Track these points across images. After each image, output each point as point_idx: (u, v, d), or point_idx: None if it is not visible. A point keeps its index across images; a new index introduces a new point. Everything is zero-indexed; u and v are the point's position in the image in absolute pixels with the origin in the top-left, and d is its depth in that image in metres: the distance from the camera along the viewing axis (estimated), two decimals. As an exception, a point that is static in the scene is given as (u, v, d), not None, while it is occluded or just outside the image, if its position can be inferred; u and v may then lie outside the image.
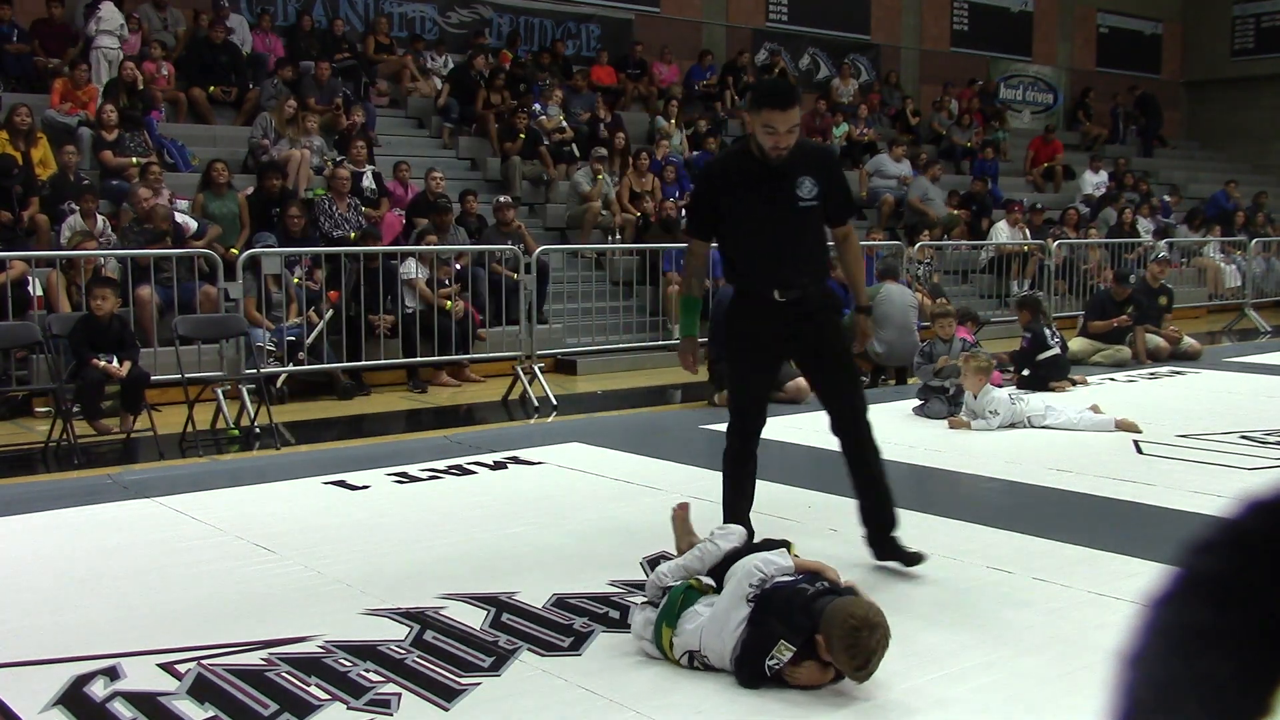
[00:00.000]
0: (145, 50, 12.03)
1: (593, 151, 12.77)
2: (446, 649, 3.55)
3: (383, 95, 14.07)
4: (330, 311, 8.87)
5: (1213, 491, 5.45)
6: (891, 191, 15.07)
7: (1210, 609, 1.02)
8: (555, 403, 8.45)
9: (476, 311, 9.59)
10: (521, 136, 13.14)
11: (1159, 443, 6.86)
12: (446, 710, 3.13)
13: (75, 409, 6.86)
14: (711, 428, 7.50)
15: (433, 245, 9.68)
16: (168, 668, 3.41)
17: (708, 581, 3.55)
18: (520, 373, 8.74)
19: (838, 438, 4.35)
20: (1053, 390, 8.64)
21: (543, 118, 13.55)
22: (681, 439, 7.24)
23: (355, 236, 9.96)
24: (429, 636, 3.65)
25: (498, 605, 3.94)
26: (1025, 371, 8.93)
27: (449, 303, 9.29)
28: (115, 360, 7.01)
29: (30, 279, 8.27)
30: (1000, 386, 7.85)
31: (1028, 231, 14.44)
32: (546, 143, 13.32)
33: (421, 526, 5.08)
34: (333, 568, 4.42)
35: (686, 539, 4.02)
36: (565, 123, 13.70)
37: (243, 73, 12.68)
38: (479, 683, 3.30)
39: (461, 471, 6.21)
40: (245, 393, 7.48)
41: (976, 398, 7.41)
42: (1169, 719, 1.00)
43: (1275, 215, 18.73)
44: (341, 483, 5.91)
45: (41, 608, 4.00)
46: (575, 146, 13.50)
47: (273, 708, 3.14)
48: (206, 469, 6.41)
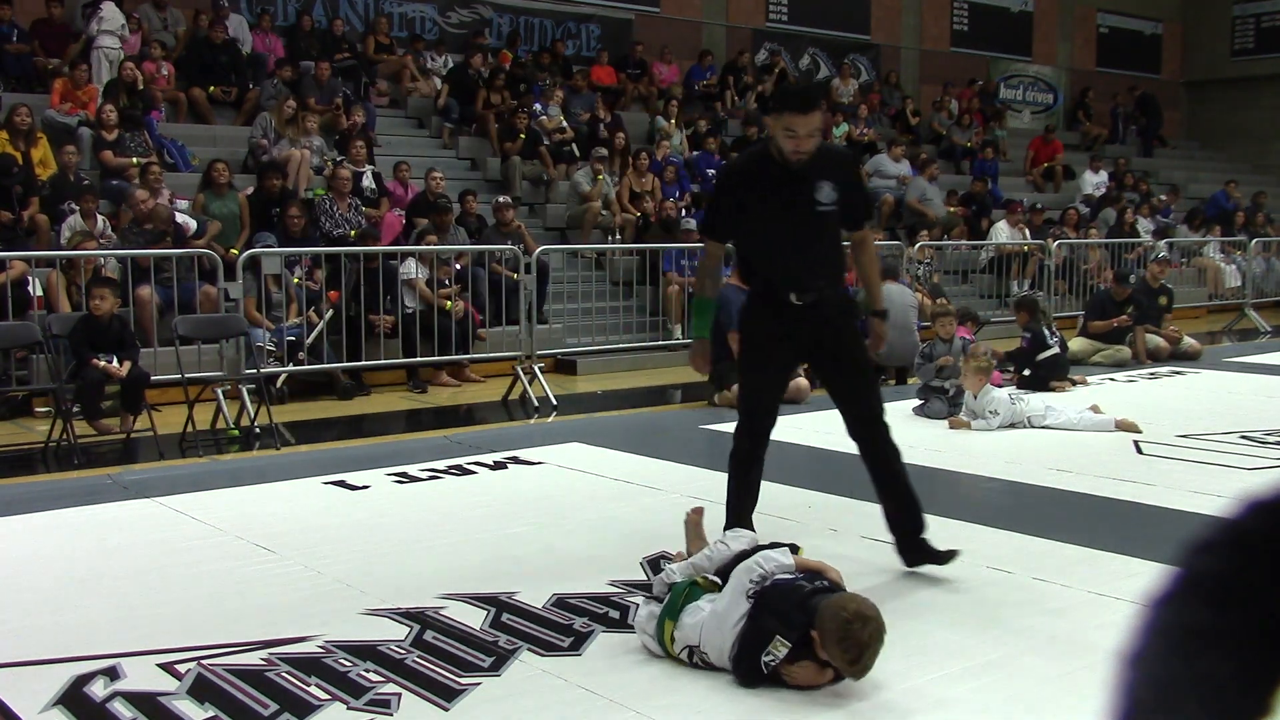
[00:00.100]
0: (145, 50, 12.03)
1: (593, 151, 12.77)
2: (446, 649, 3.55)
3: (383, 95, 14.07)
4: (330, 311, 8.87)
5: (1213, 491, 5.46)
6: (891, 191, 15.07)
7: (1210, 609, 1.02)
8: (555, 403, 8.44)
9: (476, 311, 9.59)
10: (522, 136, 13.14)
11: (1159, 443, 6.86)
12: (446, 710, 3.13)
13: (75, 409, 6.86)
14: (711, 428, 7.50)
15: (433, 245, 9.68)
16: (168, 668, 3.41)
17: (714, 579, 3.56)
18: (520, 373, 8.73)
19: (856, 443, 4.31)
20: (1053, 390, 8.65)
21: (543, 118, 13.55)
22: (681, 439, 7.24)
23: (355, 235, 9.96)
24: (429, 636, 3.65)
25: (498, 605, 3.94)
26: (1025, 371, 8.94)
27: (449, 303, 9.29)
28: (115, 360, 7.01)
29: (30, 279, 8.27)
30: (1000, 386, 7.85)
31: (1027, 231, 14.44)
32: (547, 143, 13.32)
33: (421, 526, 5.08)
34: (333, 568, 4.43)
35: (697, 543, 4.03)
36: (566, 123, 13.70)
37: (243, 73, 12.68)
38: (479, 683, 3.30)
39: (461, 471, 6.21)
40: (245, 393, 7.48)
41: (976, 398, 7.41)
42: (1169, 719, 1.00)
43: (1275, 215, 18.72)
44: (341, 483, 5.91)
45: (41, 608, 4.00)
46: (575, 146, 13.50)
47: (273, 708, 3.14)
48: (206, 469, 6.41)
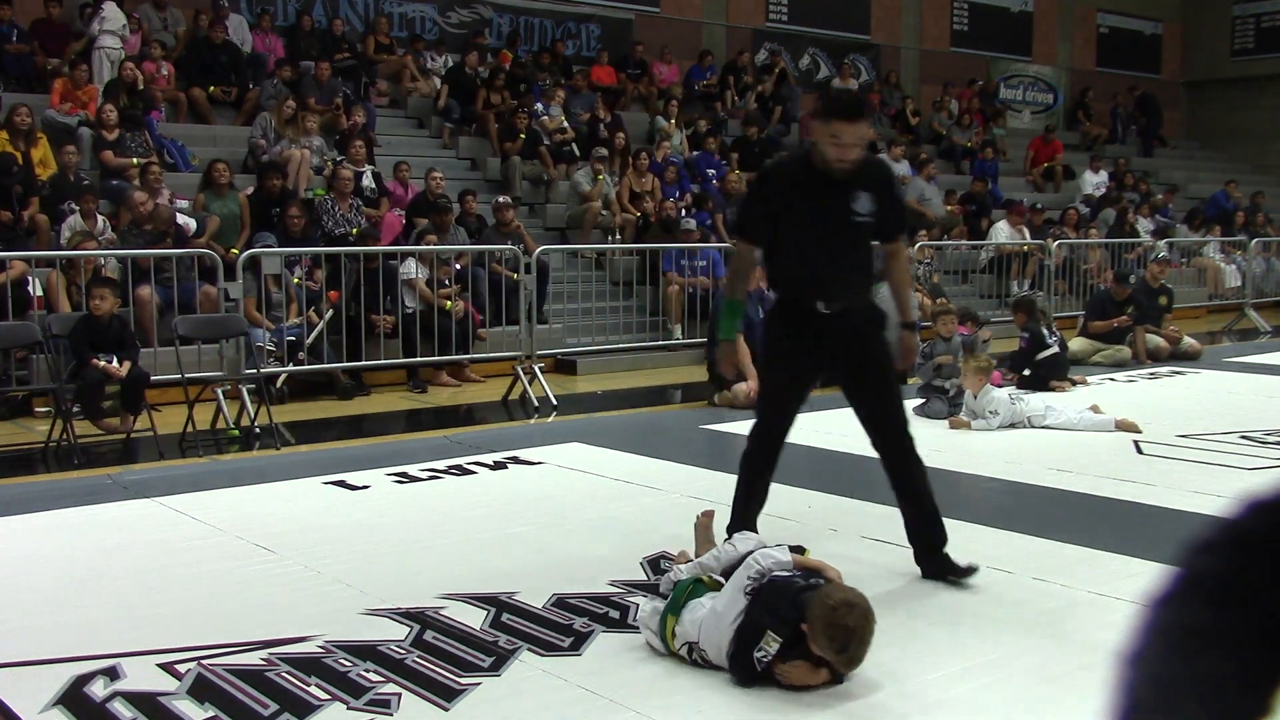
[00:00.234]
0: (145, 50, 12.03)
1: (593, 151, 12.77)
2: (446, 649, 3.55)
3: (383, 95, 14.07)
4: (330, 311, 8.87)
5: (1213, 491, 5.45)
6: (891, 192, 15.02)
7: (1210, 609, 1.02)
8: (555, 403, 8.44)
9: (476, 311, 9.59)
10: (522, 136, 13.14)
11: (1159, 443, 6.86)
12: (446, 710, 3.13)
13: (75, 409, 6.86)
14: (711, 428, 7.50)
15: (433, 245, 9.68)
16: (168, 668, 3.41)
17: (719, 579, 3.56)
18: (520, 373, 8.73)
19: (880, 454, 4.26)
20: (1053, 390, 8.64)
21: (544, 118, 13.55)
22: (681, 439, 7.24)
23: (355, 234, 9.96)
24: (429, 636, 3.65)
25: (498, 605, 3.94)
26: (1025, 371, 8.93)
27: (449, 303, 9.29)
28: (115, 360, 7.00)
29: (30, 279, 8.27)
30: (1000, 386, 7.85)
31: (1027, 232, 14.44)
32: (547, 143, 13.32)
33: (421, 526, 5.08)
34: (333, 568, 4.43)
35: (706, 545, 4.03)
36: (567, 123, 13.70)
37: (243, 73, 12.68)
38: (479, 683, 3.30)
39: (461, 471, 6.21)
40: (245, 393, 7.48)
41: (976, 398, 7.41)
42: (1169, 719, 1.00)
43: (1273, 215, 18.71)
44: (341, 483, 5.91)
45: (41, 608, 4.00)
46: (575, 146, 13.50)
47: (273, 708, 3.14)
48: (206, 469, 6.41)
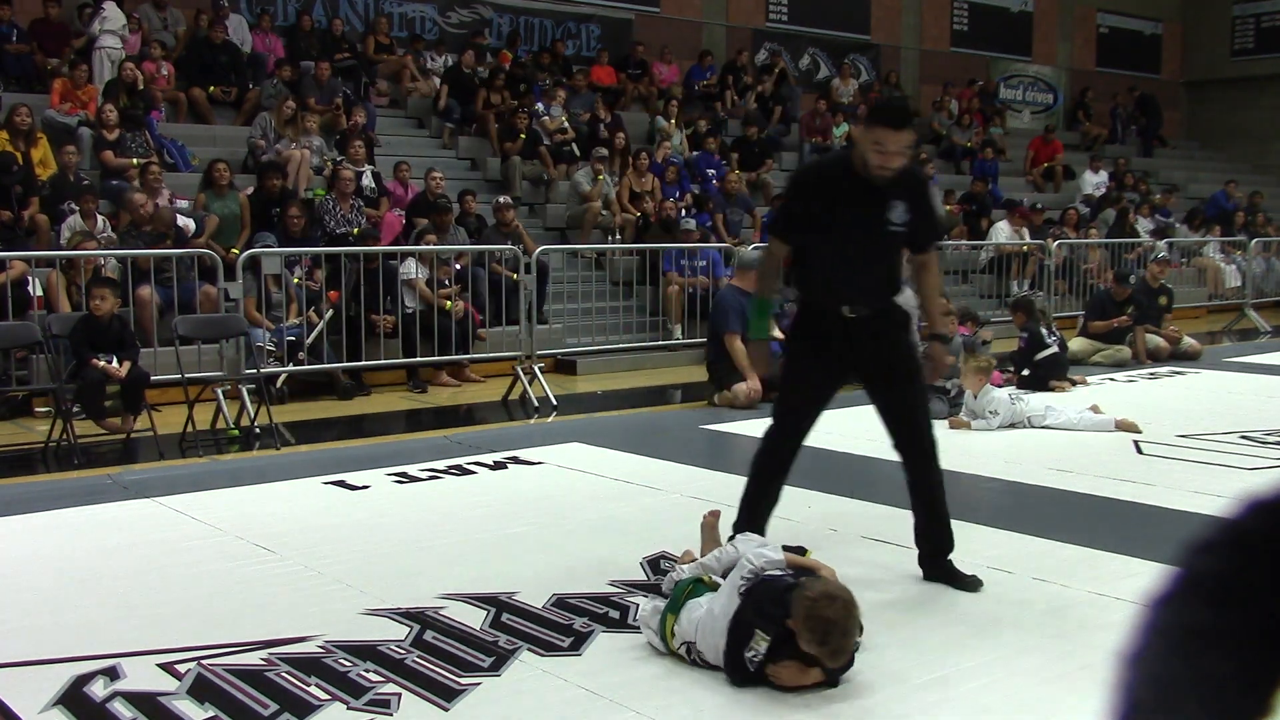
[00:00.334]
0: (145, 50, 12.04)
1: (593, 151, 12.77)
2: (446, 649, 3.55)
3: (383, 95, 14.07)
4: (330, 311, 8.87)
5: (1213, 491, 5.46)
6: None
7: (1210, 609, 1.02)
8: (555, 403, 8.44)
9: (476, 311, 9.59)
10: (522, 136, 13.14)
11: (1159, 443, 6.86)
12: (446, 710, 3.13)
13: (75, 409, 6.85)
14: (711, 428, 7.50)
15: (433, 245, 9.68)
16: (168, 668, 3.41)
17: (719, 580, 3.56)
18: (520, 373, 8.73)
19: (901, 457, 4.22)
20: (1053, 390, 8.65)
21: (545, 118, 13.54)
22: (681, 439, 7.23)
23: (356, 234, 9.96)
24: (429, 636, 3.65)
25: (498, 605, 3.94)
26: (1025, 371, 8.93)
27: (449, 303, 9.29)
28: (115, 360, 7.00)
29: (30, 279, 8.27)
30: (1000, 386, 7.85)
31: (1027, 232, 14.44)
32: (547, 143, 13.32)
33: (421, 526, 5.08)
34: (333, 568, 4.42)
35: (711, 545, 4.02)
36: (567, 123, 13.70)
37: (243, 73, 12.68)
38: (479, 683, 3.30)
39: (461, 471, 6.21)
40: (245, 393, 7.48)
41: (976, 398, 7.41)
42: (1169, 719, 1.00)
43: (1272, 215, 18.71)
44: (341, 483, 5.91)
45: (41, 608, 4.00)
46: (575, 146, 13.50)
47: (273, 708, 3.14)
48: (206, 469, 6.41)
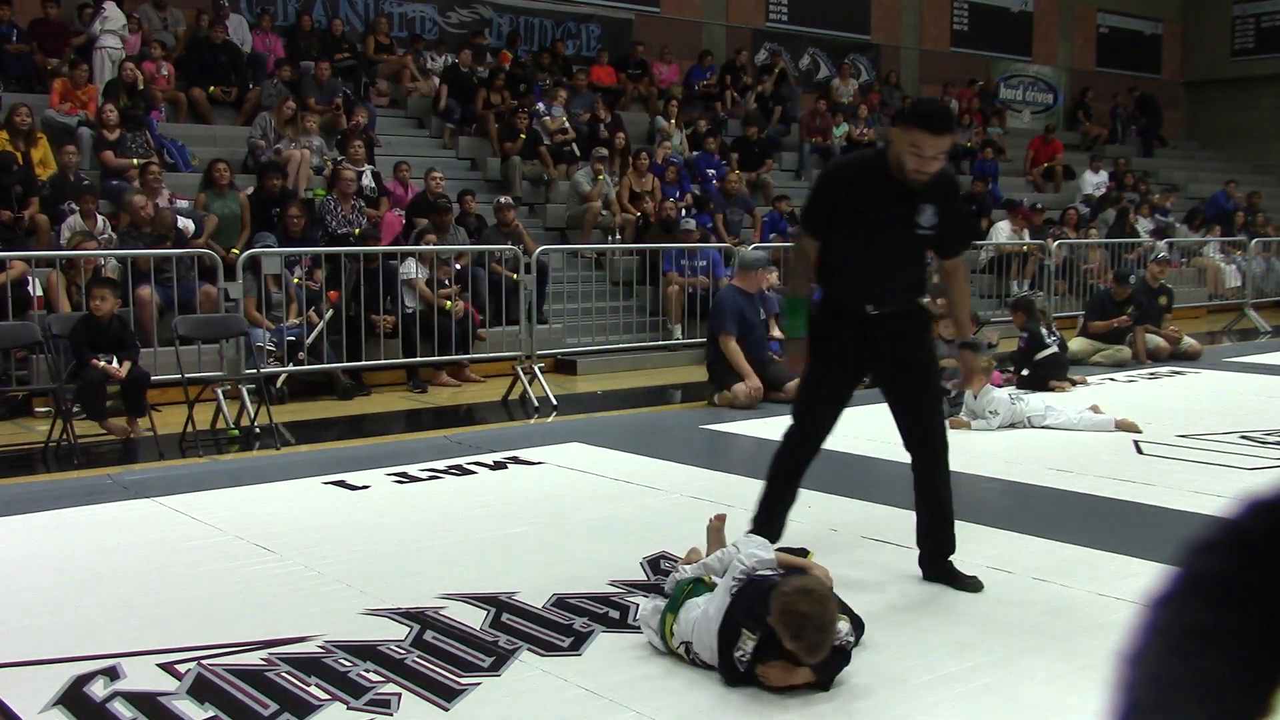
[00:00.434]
0: (145, 50, 12.04)
1: (593, 151, 12.77)
2: (446, 649, 3.55)
3: (383, 95, 14.07)
4: (330, 311, 8.87)
5: (1213, 491, 5.46)
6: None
7: (1210, 609, 1.02)
8: (555, 403, 8.44)
9: (476, 311, 9.59)
10: (522, 136, 13.14)
11: (1159, 443, 6.86)
12: (446, 710, 3.13)
13: (75, 409, 6.85)
14: (711, 428, 7.50)
15: (433, 245, 9.68)
16: (168, 668, 3.41)
17: (718, 579, 3.56)
18: (520, 373, 8.73)
19: (911, 455, 4.20)
20: (1053, 390, 8.64)
21: (546, 118, 13.54)
22: (681, 439, 7.23)
23: (357, 234, 9.96)
24: (429, 636, 3.65)
25: (498, 605, 3.94)
26: (1024, 371, 8.94)
27: (449, 303, 9.29)
28: (115, 360, 7.00)
29: (30, 279, 8.27)
30: (1000, 386, 7.85)
31: (1027, 232, 14.44)
32: (547, 143, 13.32)
33: (421, 526, 5.08)
34: (333, 568, 4.42)
35: (717, 549, 4.02)
36: (568, 123, 13.70)
37: (243, 73, 12.68)
38: (479, 683, 3.30)
39: (461, 471, 6.21)
40: (245, 393, 7.48)
41: (976, 398, 7.41)
42: (1169, 719, 1.00)
43: (1271, 214, 18.70)
44: (341, 483, 5.91)
45: (41, 608, 4.00)
46: (575, 146, 13.50)
47: (273, 708, 3.14)
48: (206, 469, 6.41)
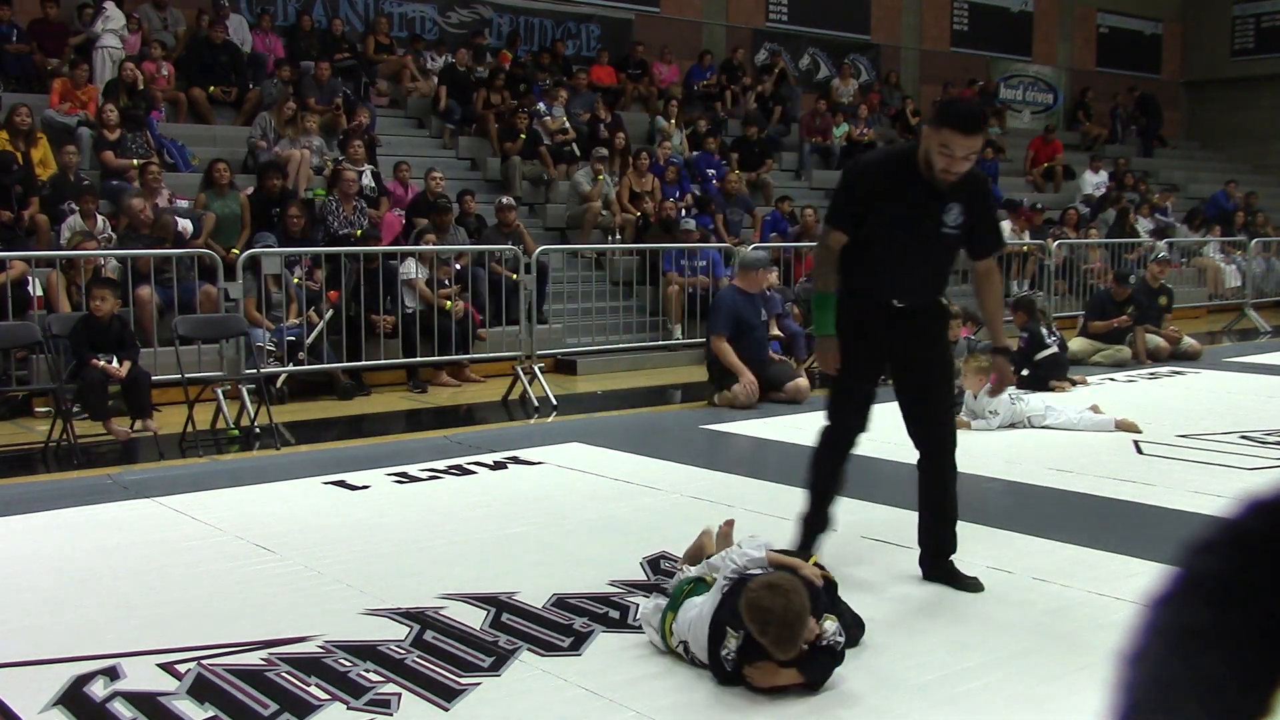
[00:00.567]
0: (145, 50, 12.04)
1: (593, 151, 12.77)
2: (446, 649, 3.55)
3: (383, 95, 14.07)
4: (330, 311, 8.87)
5: (1213, 491, 5.46)
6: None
7: (1210, 609, 1.02)
8: (555, 403, 8.44)
9: (476, 311, 9.59)
10: (522, 136, 13.14)
11: (1159, 443, 6.86)
12: (446, 710, 3.13)
13: (75, 409, 6.84)
14: (711, 428, 7.50)
15: (433, 245, 9.68)
16: (168, 668, 3.41)
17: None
18: (520, 373, 8.73)
19: (920, 452, 4.15)
20: (1053, 390, 8.64)
21: (547, 119, 13.54)
22: (681, 439, 7.23)
23: (359, 235, 9.96)
24: (429, 636, 3.65)
25: (498, 605, 3.94)
26: (1024, 371, 8.93)
27: (449, 303, 9.29)
28: (115, 360, 6.99)
29: (30, 279, 8.27)
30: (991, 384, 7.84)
31: (1027, 232, 14.44)
32: (547, 143, 13.32)
33: (421, 526, 5.08)
34: (333, 568, 4.42)
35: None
36: (568, 124, 13.69)
37: (243, 73, 12.68)
38: (479, 683, 3.30)
39: (461, 471, 6.20)
40: (245, 393, 7.48)
41: (976, 398, 7.41)
42: (1169, 719, 1.00)
43: (1271, 214, 18.69)
44: (341, 483, 5.91)
45: (41, 608, 4.00)
46: (575, 146, 13.50)
47: (273, 708, 3.14)
48: (206, 469, 6.41)
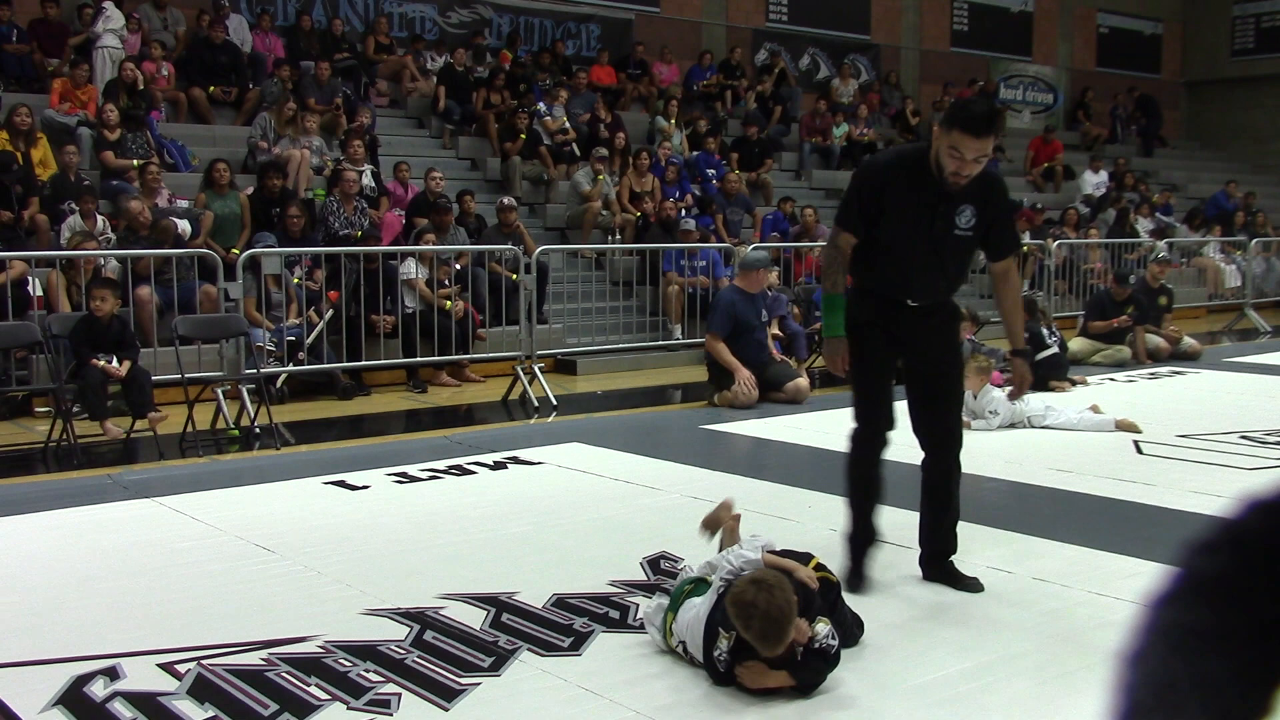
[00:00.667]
0: (145, 50, 12.04)
1: (593, 151, 12.77)
2: (446, 649, 3.55)
3: (383, 95, 14.06)
4: (330, 311, 8.87)
5: (1213, 491, 5.46)
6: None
7: (1210, 609, 1.02)
8: (555, 403, 8.44)
9: (476, 311, 9.59)
10: (522, 137, 13.14)
11: (1159, 443, 6.86)
12: (446, 710, 3.13)
13: (75, 409, 6.84)
14: (711, 428, 7.50)
15: (433, 245, 9.68)
16: (168, 668, 3.41)
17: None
18: (520, 373, 8.73)
19: (925, 451, 4.11)
20: (1053, 390, 8.64)
21: (546, 118, 13.54)
22: (681, 439, 7.24)
23: (359, 235, 9.96)
24: (429, 636, 3.65)
25: (498, 605, 3.94)
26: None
27: (449, 303, 9.29)
28: (115, 360, 6.99)
29: (30, 279, 8.27)
30: (1000, 386, 7.85)
31: (1027, 232, 14.43)
32: (547, 143, 13.31)
33: (421, 526, 5.08)
34: (333, 568, 4.42)
35: (731, 546, 4.02)
36: (568, 124, 13.69)
37: (243, 73, 12.68)
38: (479, 683, 3.30)
39: (461, 471, 6.20)
40: (245, 393, 7.48)
41: (976, 398, 7.41)
42: (1169, 719, 1.00)
43: (1270, 214, 18.68)
44: (341, 483, 5.91)
45: (41, 608, 4.00)
46: (575, 146, 13.50)
47: (273, 708, 3.14)
48: (206, 469, 6.41)
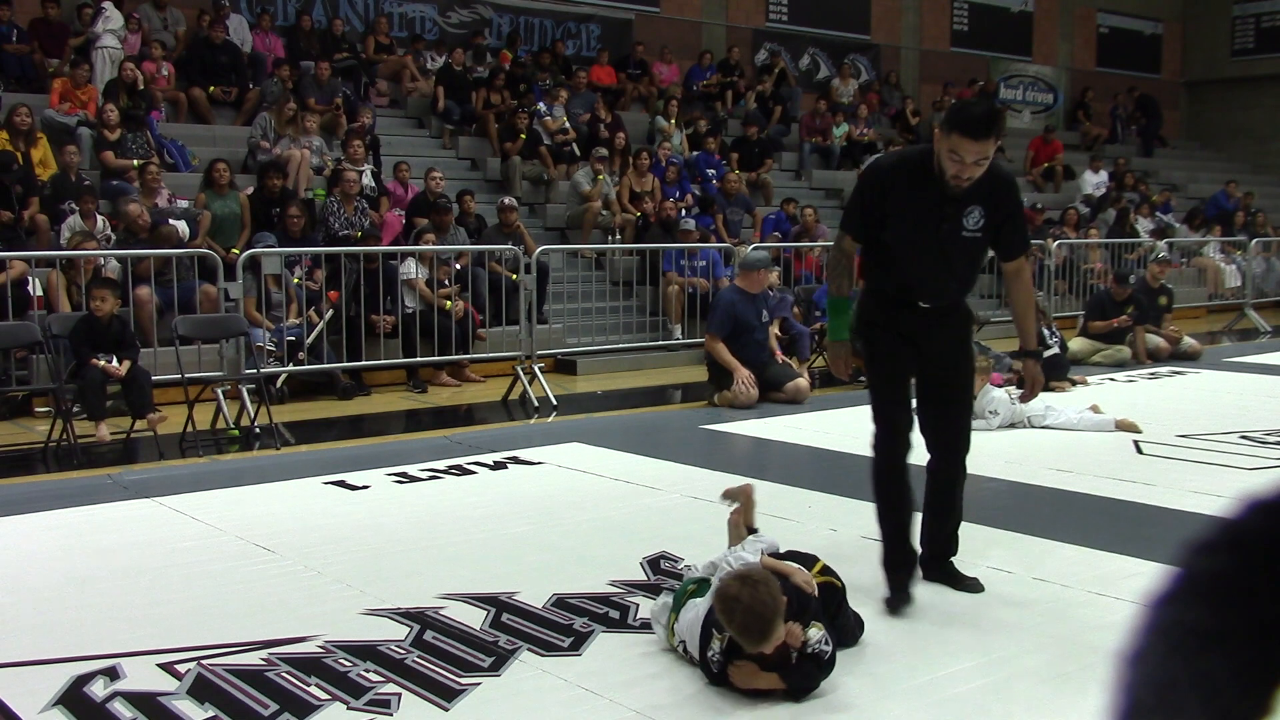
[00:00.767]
0: (145, 50, 12.04)
1: (593, 151, 12.77)
2: (446, 649, 3.55)
3: (383, 95, 14.07)
4: (330, 311, 8.87)
5: (1213, 491, 5.46)
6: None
7: (1210, 609, 1.02)
8: (555, 403, 8.44)
9: (476, 311, 9.59)
10: (522, 136, 13.14)
11: (1159, 443, 6.86)
12: (446, 710, 3.13)
13: (75, 409, 6.84)
14: (711, 428, 7.50)
15: (432, 245, 9.68)
16: (168, 668, 3.41)
17: None
18: (520, 373, 8.73)
19: (931, 453, 4.08)
20: (1053, 390, 8.63)
21: (546, 118, 13.54)
22: (681, 439, 7.24)
23: (360, 235, 9.96)
24: (429, 636, 3.66)
25: (498, 605, 3.94)
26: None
27: (449, 303, 9.29)
28: (115, 360, 6.99)
29: (30, 279, 8.27)
30: (1000, 386, 7.85)
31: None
32: (547, 143, 13.31)
33: (421, 526, 5.08)
34: (333, 568, 4.42)
35: (737, 543, 4.02)
36: (568, 124, 13.69)
37: (243, 73, 12.69)
38: (479, 683, 3.30)
39: (461, 471, 6.20)
40: (245, 393, 7.48)
41: (976, 398, 7.40)
42: (1169, 719, 1.00)
43: (1269, 214, 18.67)
44: (341, 483, 5.91)
45: (41, 608, 4.00)
46: (575, 146, 13.50)
47: (273, 708, 3.14)
48: (206, 469, 6.41)
